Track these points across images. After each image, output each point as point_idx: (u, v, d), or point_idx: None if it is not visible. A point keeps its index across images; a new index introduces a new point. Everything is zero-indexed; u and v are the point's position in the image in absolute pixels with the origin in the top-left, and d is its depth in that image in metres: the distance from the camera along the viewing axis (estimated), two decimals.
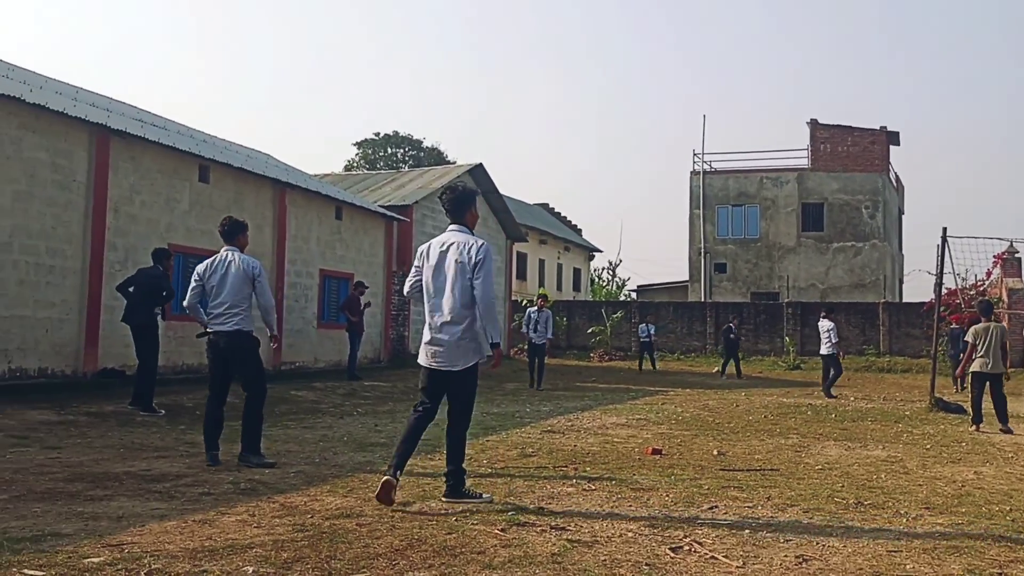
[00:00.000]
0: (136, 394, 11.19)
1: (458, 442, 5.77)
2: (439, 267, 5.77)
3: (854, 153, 39.22)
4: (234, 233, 7.58)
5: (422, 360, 5.84)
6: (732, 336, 24.59)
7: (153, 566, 4.01)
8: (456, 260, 5.70)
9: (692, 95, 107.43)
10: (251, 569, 4.00)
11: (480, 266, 5.66)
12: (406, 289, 6.06)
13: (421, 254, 5.94)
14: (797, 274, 38.64)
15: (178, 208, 16.04)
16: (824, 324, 17.75)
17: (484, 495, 5.78)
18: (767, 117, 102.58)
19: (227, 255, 7.45)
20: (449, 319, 5.67)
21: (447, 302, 5.70)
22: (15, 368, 12.79)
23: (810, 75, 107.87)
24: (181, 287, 16.21)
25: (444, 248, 5.80)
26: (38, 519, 5.01)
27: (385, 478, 5.50)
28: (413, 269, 6.01)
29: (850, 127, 39.79)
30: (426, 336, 5.80)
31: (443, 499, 5.68)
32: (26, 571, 3.87)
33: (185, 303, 7.60)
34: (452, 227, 5.93)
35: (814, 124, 40.06)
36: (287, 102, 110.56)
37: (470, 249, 5.70)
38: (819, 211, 38.93)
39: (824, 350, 17.77)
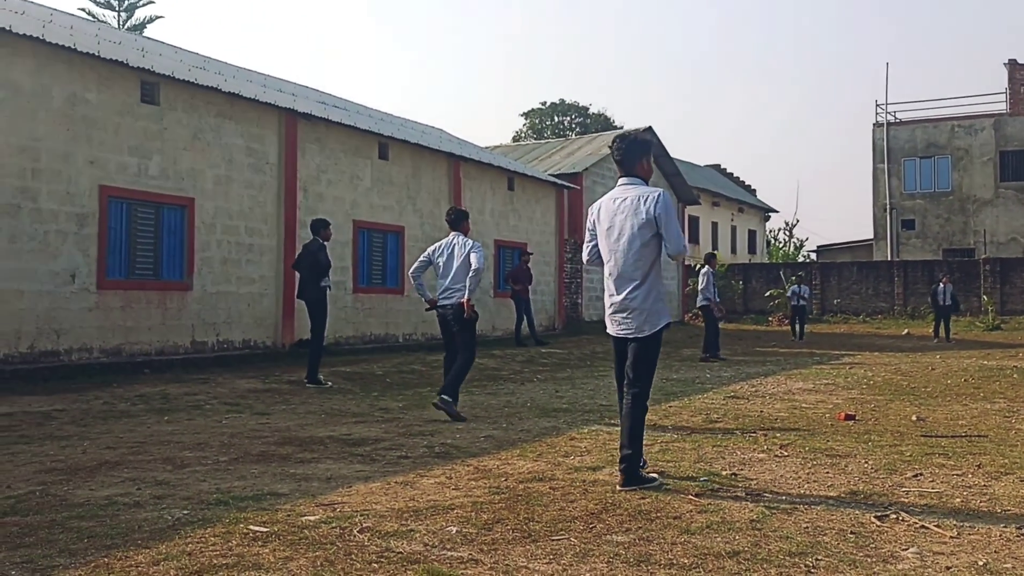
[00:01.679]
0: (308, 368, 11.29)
1: (635, 424, 5.08)
2: (614, 227, 5.20)
3: None
4: (459, 220, 8.66)
5: (610, 330, 5.35)
6: (942, 298, 22.79)
7: (364, 524, 4.23)
8: (634, 217, 5.12)
9: (873, 42, 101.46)
10: (455, 529, 4.15)
11: (664, 217, 5.08)
12: (585, 257, 5.52)
13: (593, 214, 5.39)
14: (995, 228, 35.90)
15: (361, 185, 16.73)
16: None
17: (655, 477, 5.18)
18: (956, 61, 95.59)
19: (452, 239, 8.55)
20: (632, 282, 5.14)
21: (628, 264, 5.15)
22: (222, 340, 13.80)
23: (1006, 11, 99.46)
24: (366, 261, 17.00)
25: (618, 205, 5.21)
26: (256, 480, 5.40)
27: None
28: (587, 234, 5.45)
29: None
30: (608, 304, 5.30)
31: (619, 488, 5.00)
32: (252, 527, 4.19)
33: (410, 271, 8.93)
34: (623, 180, 5.30)
35: (1013, 65, 36.95)
36: (454, 76, 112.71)
37: (648, 201, 5.11)
38: (1020, 159, 35.93)
39: None
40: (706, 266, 16.78)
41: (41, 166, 11.39)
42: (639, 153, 5.33)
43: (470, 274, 8.26)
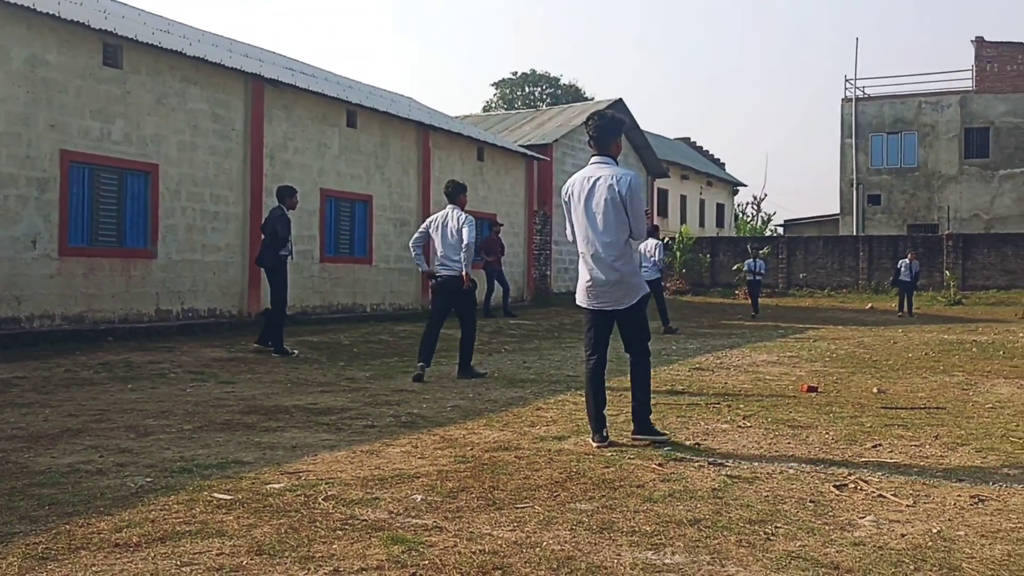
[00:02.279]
0: (262, 335, 11.11)
1: (641, 380, 5.54)
2: (588, 204, 5.38)
3: None
4: (456, 194, 8.95)
5: (582, 302, 5.54)
6: (907, 273, 23.00)
7: (329, 492, 4.24)
8: (607, 195, 5.31)
9: (843, 17, 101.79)
10: (420, 497, 4.17)
11: (633, 200, 5.30)
12: (569, 237, 5.66)
13: (567, 193, 5.53)
14: (959, 204, 36.40)
15: (328, 153, 16.57)
16: None
17: (662, 433, 5.59)
18: (925, 37, 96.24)
19: (447, 212, 8.88)
20: (610, 257, 5.34)
21: (604, 240, 5.34)
22: (187, 309, 13.67)
23: None
24: (333, 230, 16.88)
25: (591, 184, 5.39)
26: (221, 448, 5.38)
27: (596, 445, 5.37)
28: (566, 215, 5.61)
29: (1021, 43, 36.79)
30: (584, 276, 5.47)
31: (632, 436, 5.53)
32: (216, 495, 4.17)
33: (410, 242, 9.39)
34: (595, 159, 5.49)
35: (979, 42, 37.25)
36: (423, 43, 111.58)
37: (622, 183, 5.31)
38: (984, 136, 36.38)
39: None
40: (650, 238, 15.88)
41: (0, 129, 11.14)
42: (613, 133, 5.56)
43: (462, 248, 8.65)
